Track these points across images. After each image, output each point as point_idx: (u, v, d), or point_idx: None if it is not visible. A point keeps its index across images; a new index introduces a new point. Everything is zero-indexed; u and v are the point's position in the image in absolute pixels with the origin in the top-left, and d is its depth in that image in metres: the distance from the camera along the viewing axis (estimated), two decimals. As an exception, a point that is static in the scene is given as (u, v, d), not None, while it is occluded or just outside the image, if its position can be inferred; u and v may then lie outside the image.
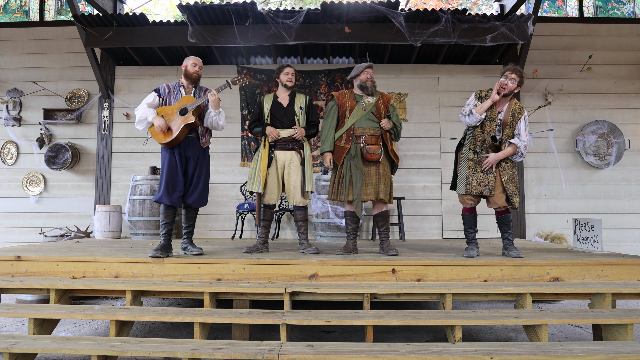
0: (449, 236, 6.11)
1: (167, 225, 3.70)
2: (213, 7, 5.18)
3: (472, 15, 5.31)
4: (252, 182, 3.95)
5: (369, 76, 3.84)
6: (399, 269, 3.33)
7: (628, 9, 6.49)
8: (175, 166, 3.66)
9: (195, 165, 3.74)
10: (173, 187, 3.65)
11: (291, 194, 3.98)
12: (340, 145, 3.80)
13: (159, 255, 3.50)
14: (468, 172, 3.62)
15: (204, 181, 3.80)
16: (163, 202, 3.63)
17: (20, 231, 6.24)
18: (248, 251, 3.90)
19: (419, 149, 6.23)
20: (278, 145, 3.97)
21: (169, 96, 3.78)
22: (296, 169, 3.98)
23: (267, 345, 2.61)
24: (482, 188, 3.56)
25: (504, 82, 3.55)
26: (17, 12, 6.60)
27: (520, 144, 3.53)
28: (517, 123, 3.59)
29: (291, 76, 4.03)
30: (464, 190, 3.63)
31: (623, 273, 3.34)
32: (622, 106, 6.24)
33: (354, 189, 3.69)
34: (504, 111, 3.61)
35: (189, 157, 3.73)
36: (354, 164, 3.71)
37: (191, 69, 3.77)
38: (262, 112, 4.06)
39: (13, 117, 6.29)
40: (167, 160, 3.68)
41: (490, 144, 3.58)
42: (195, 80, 3.80)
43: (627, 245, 6.02)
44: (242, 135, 6.28)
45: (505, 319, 2.82)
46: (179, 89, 3.80)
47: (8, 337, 2.76)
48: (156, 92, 3.79)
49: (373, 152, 3.71)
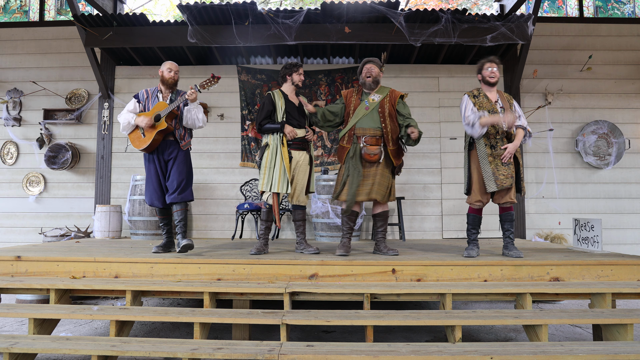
0: (449, 236, 6.11)
1: (166, 225, 4.04)
2: (213, 7, 5.18)
3: (472, 15, 5.31)
4: (272, 182, 3.78)
5: (367, 71, 3.81)
6: (399, 269, 3.33)
7: (628, 9, 6.49)
8: (156, 172, 3.88)
9: (173, 162, 3.85)
10: (159, 192, 3.90)
11: (295, 193, 3.96)
12: (343, 145, 3.81)
13: (160, 252, 3.87)
14: (492, 168, 3.57)
15: (186, 175, 3.87)
16: (155, 205, 3.92)
17: (20, 231, 6.24)
18: (257, 252, 3.78)
19: (419, 149, 6.21)
20: (293, 144, 3.94)
21: (147, 101, 3.92)
22: (304, 169, 3.98)
23: (267, 345, 2.61)
24: (510, 180, 3.54)
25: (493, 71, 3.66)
26: (17, 12, 6.60)
27: (524, 123, 3.66)
28: (513, 107, 3.72)
29: (303, 77, 4.04)
30: (495, 187, 3.52)
31: (623, 273, 3.34)
32: (622, 106, 6.24)
33: (349, 190, 3.68)
34: (499, 100, 3.71)
35: (166, 158, 3.87)
36: (352, 165, 3.71)
37: (167, 74, 3.89)
38: (275, 109, 3.92)
39: (13, 117, 6.29)
40: (149, 165, 3.90)
41: (504, 132, 3.61)
42: (171, 85, 3.92)
43: (627, 245, 6.02)
44: (242, 135, 6.28)
45: (505, 319, 2.82)
46: (156, 93, 3.94)
47: (8, 337, 2.76)
48: (135, 98, 3.96)
49: (372, 152, 3.67)
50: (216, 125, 6.29)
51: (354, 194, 3.67)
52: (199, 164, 6.24)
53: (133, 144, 3.86)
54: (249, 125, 6.27)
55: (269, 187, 3.82)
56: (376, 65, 3.84)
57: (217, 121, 6.29)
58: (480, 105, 3.62)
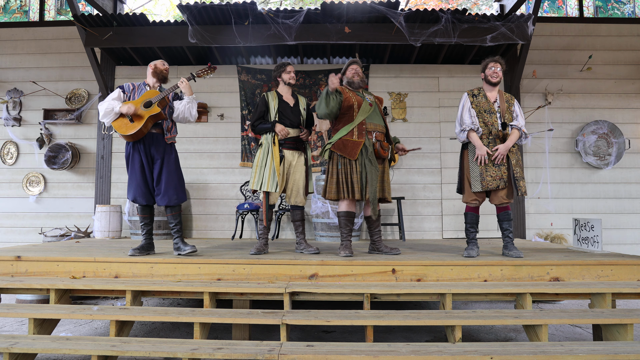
0: (449, 236, 6.11)
1: (146, 226, 3.81)
2: (213, 7, 5.18)
3: (472, 15, 5.31)
4: (262, 181, 3.83)
5: (355, 71, 3.82)
6: (399, 269, 3.33)
7: (628, 9, 6.49)
8: (140, 164, 3.67)
9: (161, 163, 3.69)
10: (145, 186, 3.69)
11: (293, 194, 3.96)
12: (353, 139, 3.64)
13: (136, 254, 3.60)
14: (481, 168, 3.59)
15: (177, 177, 3.75)
16: (138, 202, 3.72)
17: (20, 231, 6.24)
18: (257, 252, 3.79)
19: (419, 149, 6.23)
20: (285, 144, 3.94)
21: (132, 93, 3.75)
22: (300, 169, 3.98)
23: (267, 345, 2.61)
24: (498, 182, 3.54)
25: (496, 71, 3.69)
26: (17, 12, 6.60)
27: (520, 124, 3.65)
28: (513, 107, 3.71)
29: (293, 74, 4.03)
30: (480, 188, 3.57)
31: (623, 273, 3.34)
32: (622, 106, 6.24)
33: (369, 187, 3.56)
34: (498, 99, 3.71)
35: (153, 155, 3.69)
36: (369, 161, 3.59)
37: (160, 66, 3.80)
38: (268, 109, 3.97)
39: (13, 117, 6.29)
40: (133, 159, 3.69)
41: (498, 133, 3.60)
42: (164, 78, 3.82)
43: (627, 245, 6.02)
44: (242, 135, 6.28)
45: (505, 319, 2.82)
46: (143, 87, 3.79)
47: (8, 337, 2.76)
48: (120, 88, 3.78)
49: (385, 148, 3.71)
50: (216, 125, 6.29)
51: (375, 191, 3.58)
52: (199, 164, 6.25)
53: (119, 130, 3.60)
54: (248, 125, 6.27)
55: (259, 185, 3.86)
56: (359, 65, 3.88)
57: (217, 121, 6.30)
58: (478, 104, 3.66)
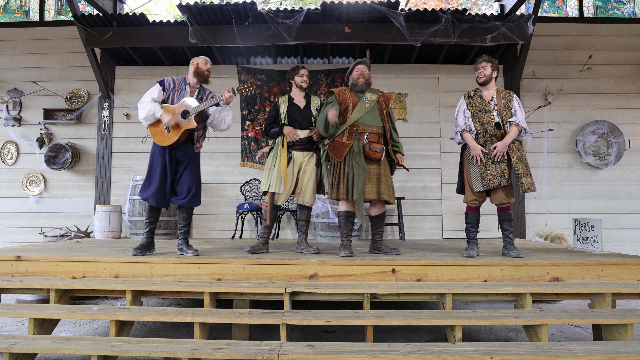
0: (449, 236, 6.11)
1: (151, 224, 3.76)
2: (213, 7, 5.18)
3: (472, 15, 5.31)
4: (270, 183, 3.88)
5: (360, 73, 3.79)
6: (399, 269, 3.33)
7: (628, 9, 6.49)
8: (165, 168, 3.63)
9: (186, 166, 3.69)
10: (162, 189, 3.62)
11: (301, 193, 3.97)
12: (342, 141, 3.69)
13: (137, 254, 3.58)
14: (480, 167, 3.59)
15: (197, 180, 3.77)
16: (150, 202, 3.64)
17: (20, 231, 6.24)
18: (251, 251, 3.83)
19: (419, 149, 6.23)
20: (296, 145, 3.95)
21: (172, 92, 3.67)
22: (311, 170, 3.98)
23: (267, 345, 2.61)
24: (499, 180, 3.53)
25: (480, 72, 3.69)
26: (17, 12, 6.60)
27: (519, 120, 3.60)
28: (512, 103, 3.68)
29: (306, 78, 4.02)
30: (481, 187, 3.57)
31: (623, 273, 3.34)
32: (622, 106, 6.24)
33: (355, 188, 3.58)
34: (494, 97, 3.69)
35: (180, 159, 3.69)
36: (355, 162, 3.61)
37: (203, 66, 3.68)
38: (279, 113, 4.02)
39: (13, 117, 6.29)
40: (158, 160, 3.64)
41: (494, 132, 3.59)
42: (205, 79, 3.73)
43: (627, 245, 6.02)
44: (242, 135, 6.28)
45: (505, 319, 2.82)
46: (184, 86, 3.69)
47: (8, 337, 2.76)
48: (160, 84, 3.67)
49: (376, 150, 3.66)
50: (216, 125, 6.29)
51: (361, 193, 3.59)
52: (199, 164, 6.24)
53: (155, 138, 3.58)
54: (249, 125, 6.27)
55: (267, 187, 3.90)
56: (367, 66, 3.83)
57: (217, 121, 6.29)
58: (474, 105, 3.69)
